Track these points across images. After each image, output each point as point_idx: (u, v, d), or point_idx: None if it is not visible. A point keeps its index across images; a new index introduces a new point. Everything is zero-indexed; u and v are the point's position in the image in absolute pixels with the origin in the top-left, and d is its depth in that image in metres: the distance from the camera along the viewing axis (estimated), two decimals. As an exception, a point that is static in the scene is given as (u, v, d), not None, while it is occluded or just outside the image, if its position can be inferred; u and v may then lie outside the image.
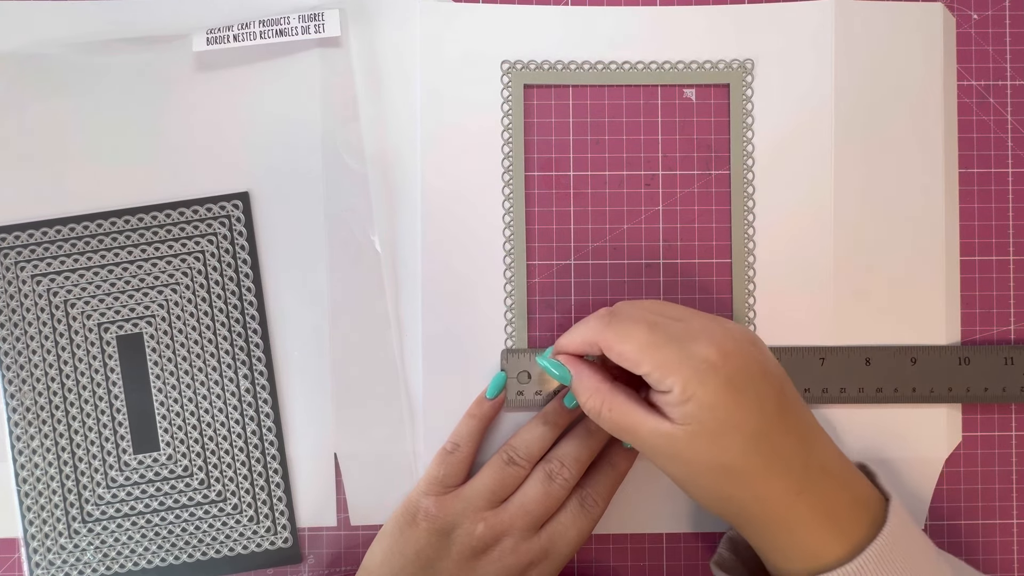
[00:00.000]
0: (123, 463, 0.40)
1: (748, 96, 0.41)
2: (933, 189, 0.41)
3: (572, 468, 0.37)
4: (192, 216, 0.40)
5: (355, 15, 0.40)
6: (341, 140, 0.40)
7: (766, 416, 0.32)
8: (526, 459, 0.38)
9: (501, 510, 0.37)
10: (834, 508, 0.32)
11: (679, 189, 0.41)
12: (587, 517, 0.37)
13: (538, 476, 0.37)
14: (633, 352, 0.32)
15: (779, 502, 0.32)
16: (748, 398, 0.31)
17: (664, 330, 0.32)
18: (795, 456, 0.32)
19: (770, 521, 0.32)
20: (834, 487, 0.32)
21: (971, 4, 0.41)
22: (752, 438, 0.31)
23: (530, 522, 0.37)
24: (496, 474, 0.37)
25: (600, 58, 0.41)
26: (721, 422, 0.31)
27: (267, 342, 0.40)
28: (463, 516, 0.37)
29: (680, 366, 0.31)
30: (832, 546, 0.32)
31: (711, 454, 0.31)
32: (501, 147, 0.40)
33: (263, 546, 0.40)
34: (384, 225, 0.40)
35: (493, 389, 0.39)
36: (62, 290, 0.40)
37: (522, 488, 0.37)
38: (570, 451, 0.38)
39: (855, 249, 0.40)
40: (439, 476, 0.38)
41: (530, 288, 0.41)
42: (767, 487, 0.31)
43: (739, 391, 0.31)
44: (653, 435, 0.32)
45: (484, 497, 0.37)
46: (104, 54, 0.40)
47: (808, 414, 0.33)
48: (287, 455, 0.40)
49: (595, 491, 0.38)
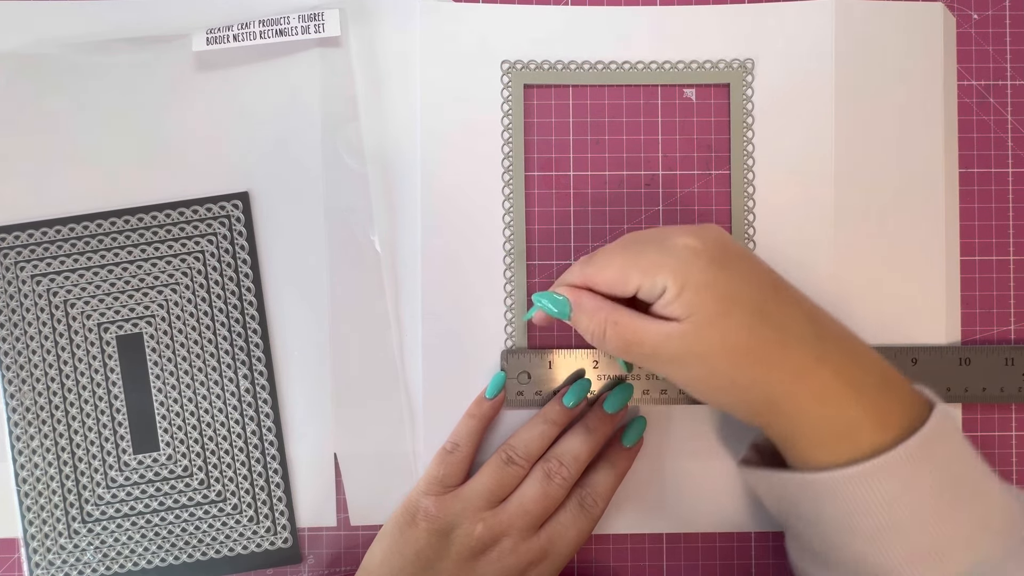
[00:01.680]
0: (123, 463, 0.40)
1: (748, 96, 0.41)
2: (933, 189, 0.41)
3: (571, 467, 0.37)
4: (192, 216, 0.40)
5: (355, 15, 0.40)
6: (341, 140, 0.40)
7: (763, 289, 0.31)
8: (525, 458, 0.38)
9: (500, 510, 0.37)
10: (862, 382, 0.31)
11: (679, 189, 0.41)
12: (587, 517, 0.37)
13: (536, 476, 0.37)
14: (617, 271, 0.32)
15: (801, 373, 0.31)
16: (740, 272, 0.31)
17: (637, 242, 0.33)
18: (805, 328, 0.31)
19: (795, 397, 0.31)
20: (858, 363, 0.31)
21: (971, 4, 0.41)
22: (756, 313, 0.31)
23: (529, 522, 0.36)
24: (495, 474, 0.37)
25: (600, 58, 0.41)
26: (720, 299, 0.31)
27: (267, 342, 0.40)
28: (462, 516, 0.37)
29: (664, 261, 0.31)
30: (866, 426, 0.30)
31: (720, 338, 0.31)
32: (501, 147, 0.40)
33: (263, 546, 0.40)
34: (384, 225, 0.40)
35: (492, 389, 0.39)
36: (62, 290, 0.40)
37: (520, 488, 0.37)
38: (569, 449, 0.38)
39: (855, 249, 0.40)
40: (439, 476, 0.38)
41: (530, 288, 0.41)
42: (784, 359, 0.31)
43: (728, 267, 0.31)
44: (661, 338, 0.31)
45: (483, 497, 0.37)
46: (104, 54, 0.40)
47: (805, 297, 0.33)
48: (287, 455, 0.40)
49: (594, 491, 0.38)
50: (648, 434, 0.40)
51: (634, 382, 0.39)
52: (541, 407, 0.39)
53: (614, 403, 0.38)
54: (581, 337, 0.41)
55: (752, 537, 0.41)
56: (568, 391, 0.39)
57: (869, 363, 0.32)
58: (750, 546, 0.41)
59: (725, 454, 0.40)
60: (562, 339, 0.41)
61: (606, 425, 0.38)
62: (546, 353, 0.40)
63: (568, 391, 0.39)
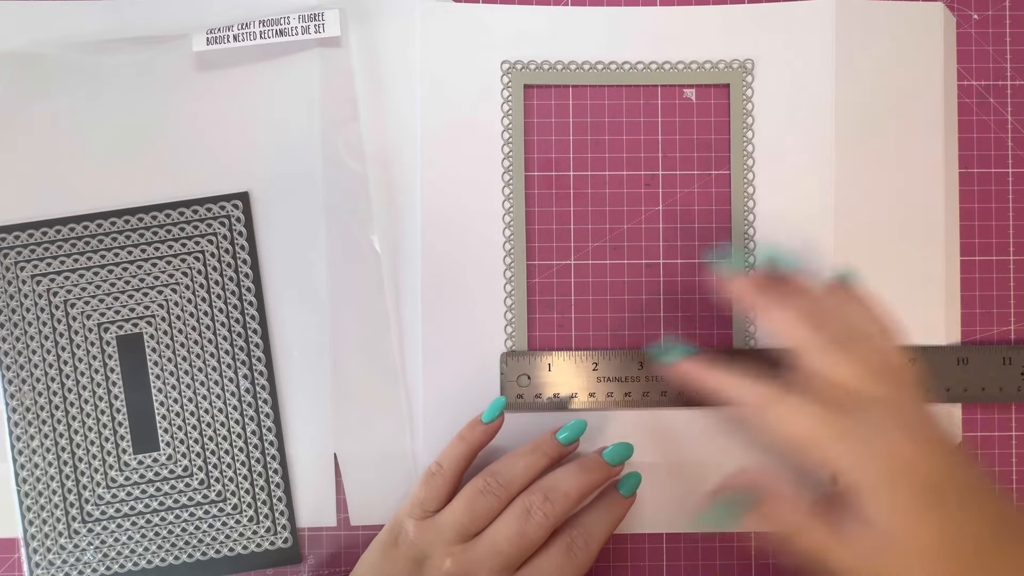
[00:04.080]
0: (123, 463, 0.40)
1: (748, 96, 0.41)
2: (933, 189, 0.41)
3: (557, 504, 0.33)
4: (192, 216, 0.40)
5: (355, 15, 0.40)
6: (341, 140, 0.40)
7: (985, 538, 0.27)
8: (504, 487, 0.34)
9: (470, 547, 0.33)
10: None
11: (679, 189, 0.41)
12: (572, 564, 0.33)
13: (514, 511, 0.33)
14: (804, 432, 0.29)
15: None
16: (958, 513, 0.27)
17: (835, 399, 0.29)
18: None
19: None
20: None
21: (971, 4, 0.41)
22: (975, 569, 0.27)
23: (502, 562, 0.33)
24: (468, 504, 0.34)
25: (600, 58, 0.41)
26: (923, 550, 0.27)
27: (267, 342, 0.40)
28: (433, 547, 0.34)
29: (863, 466, 0.28)
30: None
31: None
32: (501, 147, 0.40)
33: (263, 546, 0.40)
34: (384, 225, 0.40)
35: (489, 413, 0.36)
36: (62, 290, 0.40)
37: (495, 524, 0.33)
38: (558, 484, 0.34)
39: (855, 249, 0.40)
40: (420, 498, 0.35)
41: (530, 288, 0.41)
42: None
43: (945, 504, 0.27)
44: (852, 560, 0.29)
45: (454, 529, 0.34)
46: (104, 54, 0.40)
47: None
48: (287, 455, 0.40)
49: (587, 532, 0.34)
50: (648, 434, 0.40)
51: (634, 383, 0.39)
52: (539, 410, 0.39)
53: (614, 456, 0.36)
54: (581, 340, 0.41)
55: (752, 537, 0.41)
56: (563, 427, 0.36)
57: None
58: (750, 546, 0.41)
59: (725, 454, 0.40)
60: (562, 340, 0.41)
61: (603, 472, 0.35)
62: (546, 355, 0.40)
63: (563, 427, 0.36)
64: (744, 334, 0.40)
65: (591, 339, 0.41)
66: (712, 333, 0.41)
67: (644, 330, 0.41)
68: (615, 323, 0.41)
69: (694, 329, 0.41)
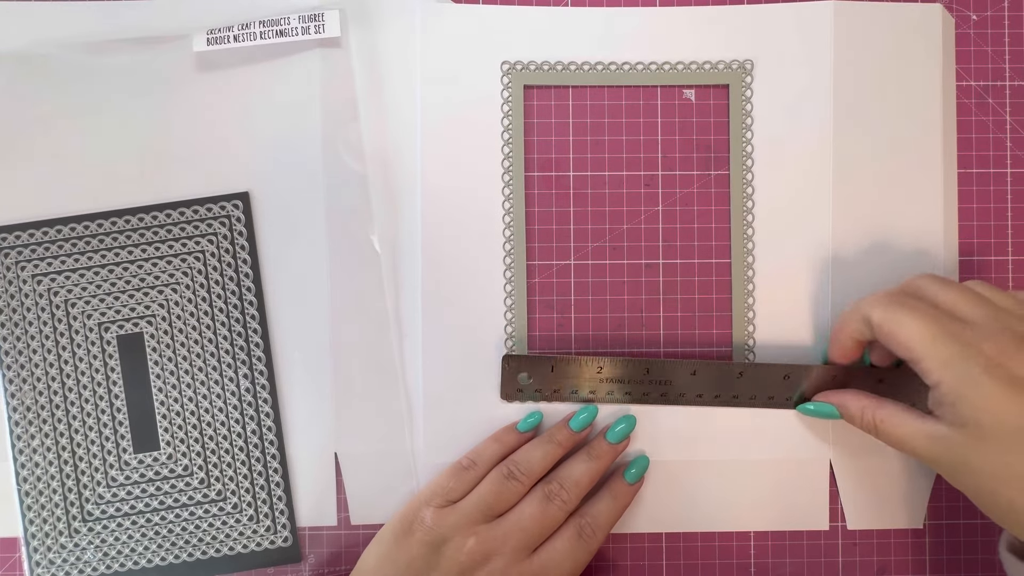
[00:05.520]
0: (123, 463, 0.40)
1: (748, 96, 0.41)
2: (933, 189, 0.41)
3: (571, 491, 0.37)
4: (192, 216, 0.40)
5: (355, 15, 0.40)
6: (341, 140, 0.40)
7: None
8: (526, 475, 0.37)
9: (495, 525, 0.36)
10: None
11: (679, 189, 0.41)
12: (584, 548, 0.36)
13: (536, 495, 0.37)
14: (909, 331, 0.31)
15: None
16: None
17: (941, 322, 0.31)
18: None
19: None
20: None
21: (970, 5, 0.41)
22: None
23: (524, 540, 0.36)
24: (494, 488, 0.37)
25: (600, 58, 0.41)
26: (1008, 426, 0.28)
27: (267, 342, 0.40)
28: (455, 530, 0.36)
29: (949, 353, 0.30)
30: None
31: (1004, 462, 0.28)
32: (501, 147, 0.41)
33: (263, 545, 0.40)
34: (384, 225, 0.40)
35: (526, 425, 0.39)
36: (62, 290, 0.40)
37: (519, 505, 0.37)
38: (570, 474, 0.37)
39: (855, 249, 0.40)
40: (446, 487, 0.37)
41: (530, 288, 0.41)
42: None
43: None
44: (930, 442, 0.30)
45: (480, 510, 0.36)
46: (104, 54, 0.40)
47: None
48: (287, 455, 0.40)
49: (595, 520, 0.37)
50: (648, 435, 0.40)
51: (634, 384, 0.39)
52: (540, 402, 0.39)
53: (616, 434, 0.39)
54: (581, 340, 0.41)
55: (752, 537, 0.41)
56: (575, 415, 0.39)
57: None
58: (750, 546, 0.41)
59: (725, 454, 0.40)
60: (562, 340, 0.41)
61: (608, 455, 0.38)
62: (547, 359, 0.39)
63: (575, 415, 0.39)
64: (744, 334, 0.40)
65: (591, 339, 0.41)
66: (712, 333, 0.41)
67: (644, 330, 0.41)
68: (615, 323, 0.41)
69: (694, 329, 0.41)
